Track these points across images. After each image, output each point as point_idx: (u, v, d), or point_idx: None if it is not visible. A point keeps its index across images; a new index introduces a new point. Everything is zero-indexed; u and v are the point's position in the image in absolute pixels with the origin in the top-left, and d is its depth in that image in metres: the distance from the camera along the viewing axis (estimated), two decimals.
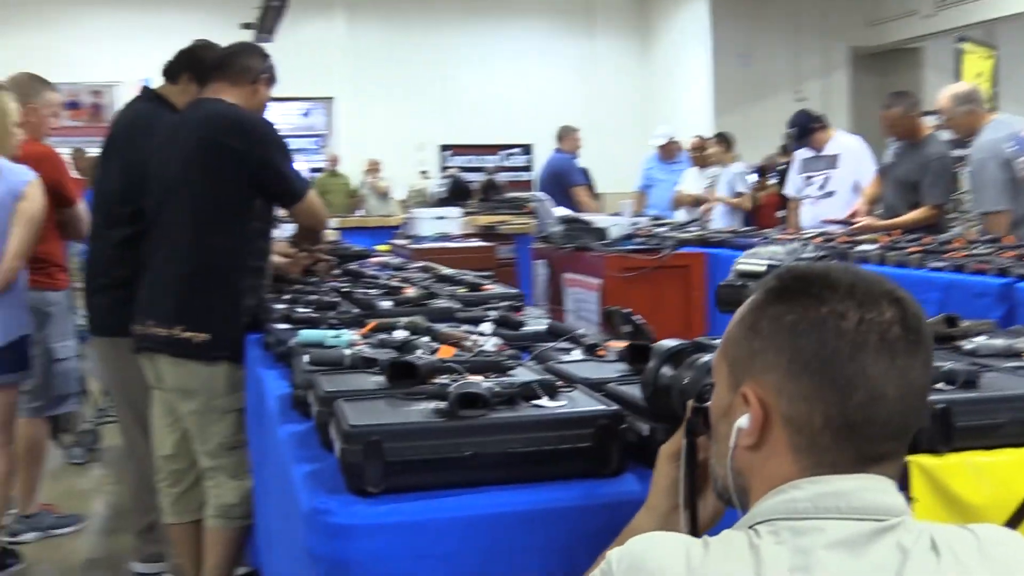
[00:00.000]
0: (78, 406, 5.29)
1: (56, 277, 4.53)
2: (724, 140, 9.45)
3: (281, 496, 1.96)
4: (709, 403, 1.29)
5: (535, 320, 2.79)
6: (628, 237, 5.55)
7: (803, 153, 6.97)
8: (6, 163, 3.99)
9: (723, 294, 2.89)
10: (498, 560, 1.48)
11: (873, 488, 1.12)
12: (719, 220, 8.62)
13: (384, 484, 1.50)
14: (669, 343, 1.56)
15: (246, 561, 3.53)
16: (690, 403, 1.37)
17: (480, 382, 1.66)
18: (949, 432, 1.61)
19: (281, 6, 11.92)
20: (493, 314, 2.77)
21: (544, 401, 1.67)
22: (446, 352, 2.10)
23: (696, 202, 9.10)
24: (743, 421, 1.17)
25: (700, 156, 9.45)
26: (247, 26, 12.17)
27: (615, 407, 1.64)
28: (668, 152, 9.90)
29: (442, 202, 10.30)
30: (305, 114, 16.56)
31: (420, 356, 1.95)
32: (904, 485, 1.59)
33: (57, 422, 5.74)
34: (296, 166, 3.52)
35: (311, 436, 1.87)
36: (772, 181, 10.80)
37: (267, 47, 3.61)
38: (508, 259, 7.85)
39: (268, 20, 12.28)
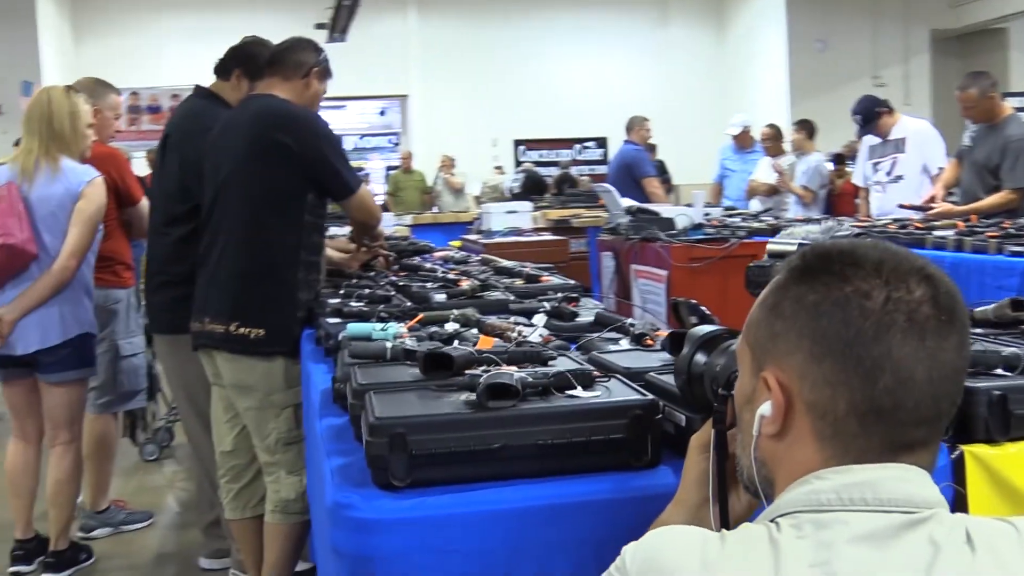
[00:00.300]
0: (145, 402, 5.35)
1: (122, 275, 4.59)
2: (806, 127, 9.20)
3: (318, 490, 1.94)
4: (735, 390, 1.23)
5: (589, 311, 2.75)
6: (697, 227, 5.46)
7: (869, 140, 6.81)
8: (68, 163, 4.03)
9: (752, 274, 2.79)
10: (526, 556, 1.44)
11: (903, 478, 1.05)
12: (794, 209, 8.44)
13: (410, 478, 1.46)
14: (703, 329, 1.50)
15: (309, 557, 3.53)
16: (719, 390, 1.30)
17: (512, 372, 1.61)
18: (1007, 420, 1.56)
19: (353, 5, 12.00)
20: (546, 306, 2.73)
21: (578, 391, 1.62)
22: (485, 343, 2.05)
23: (770, 191, 8.91)
24: (765, 408, 1.11)
25: (773, 145, 9.24)
26: (320, 26, 12.29)
27: (650, 397, 1.59)
28: (744, 141, 9.71)
29: (516, 197, 10.28)
30: (381, 112, 16.66)
31: (456, 347, 1.90)
32: (959, 476, 1.52)
33: (133, 420, 5.83)
34: (371, 164, 3.51)
35: (348, 430, 1.84)
36: (851, 168, 10.54)
37: (342, 47, 3.62)
38: (581, 252, 7.80)
39: (341, 20, 12.38)
